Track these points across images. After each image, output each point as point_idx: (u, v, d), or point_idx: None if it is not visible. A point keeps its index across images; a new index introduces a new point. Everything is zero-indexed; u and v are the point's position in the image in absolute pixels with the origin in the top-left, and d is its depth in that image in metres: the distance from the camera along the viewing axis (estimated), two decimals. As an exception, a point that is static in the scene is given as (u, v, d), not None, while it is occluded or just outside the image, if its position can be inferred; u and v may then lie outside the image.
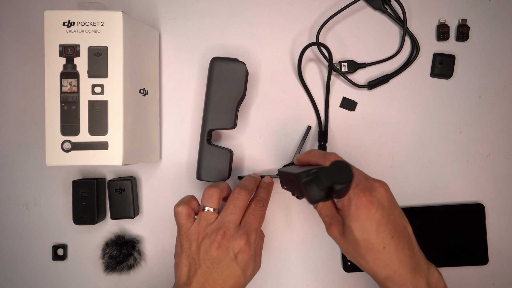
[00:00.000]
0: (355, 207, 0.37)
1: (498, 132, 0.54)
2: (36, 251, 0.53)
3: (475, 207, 0.53)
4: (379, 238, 0.36)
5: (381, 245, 0.37)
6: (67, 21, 0.42)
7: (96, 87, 0.43)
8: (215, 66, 0.47)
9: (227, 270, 0.39)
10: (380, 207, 0.37)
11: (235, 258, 0.40)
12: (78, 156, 0.43)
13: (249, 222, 0.42)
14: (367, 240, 0.37)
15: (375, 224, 0.36)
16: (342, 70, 0.53)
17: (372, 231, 0.36)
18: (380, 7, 0.53)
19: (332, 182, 0.32)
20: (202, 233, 0.41)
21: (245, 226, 0.41)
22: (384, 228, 0.36)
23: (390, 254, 0.37)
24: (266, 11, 0.54)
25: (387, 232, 0.37)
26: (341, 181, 0.32)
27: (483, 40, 0.54)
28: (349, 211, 0.37)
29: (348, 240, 0.39)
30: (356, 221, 0.37)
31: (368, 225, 0.36)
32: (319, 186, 0.33)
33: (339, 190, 0.34)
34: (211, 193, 0.42)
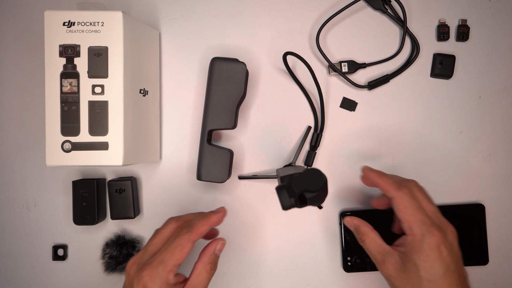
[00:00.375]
0: (428, 246, 0.35)
1: (498, 132, 0.54)
2: (36, 251, 0.53)
3: (475, 207, 0.53)
4: (445, 285, 0.35)
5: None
6: (67, 21, 0.42)
7: (96, 87, 0.43)
8: (215, 66, 0.47)
9: None
10: (452, 253, 0.36)
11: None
12: (78, 156, 0.43)
13: (160, 251, 0.38)
14: (432, 283, 0.35)
15: (444, 268, 0.35)
16: (342, 70, 0.53)
17: (441, 274, 0.35)
18: (380, 7, 0.53)
19: (303, 190, 0.32)
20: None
21: (155, 255, 0.38)
22: (452, 275, 0.36)
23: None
24: (266, 11, 0.54)
25: (454, 279, 0.36)
26: (311, 189, 0.31)
27: (483, 40, 0.54)
28: (419, 248, 0.36)
29: (408, 279, 0.37)
30: (425, 260, 0.35)
31: (437, 268, 0.35)
32: (290, 194, 0.32)
33: (310, 198, 0.33)
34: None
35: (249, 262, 0.53)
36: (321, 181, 0.31)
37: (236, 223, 0.53)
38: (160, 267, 0.36)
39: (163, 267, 0.36)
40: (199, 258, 0.40)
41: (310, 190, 0.32)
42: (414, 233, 0.37)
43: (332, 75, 0.54)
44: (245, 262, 0.53)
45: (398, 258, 0.38)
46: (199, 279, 0.39)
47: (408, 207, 0.38)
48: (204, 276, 0.39)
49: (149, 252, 0.39)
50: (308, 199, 0.33)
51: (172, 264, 0.36)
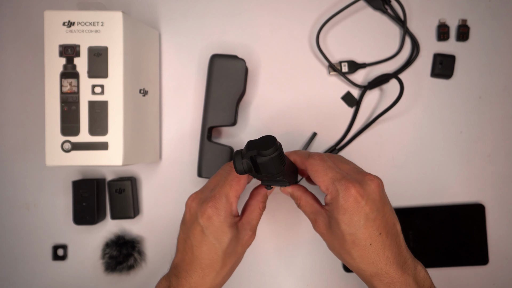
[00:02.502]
0: (343, 199, 0.36)
1: (498, 132, 0.54)
2: (36, 251, 0.53)
3: (475, 207, 0.53)
4: (366, 234, 0.36)
5: (368, 242, 0.36)
6: (67, 21, 0.42)
7: (96, 87, 0.43)
8: (215, 63, 0.48)
9: (198, 236, 0.38)
10: (370, 201, 0.36)
11: (202, 223, 0.38)
12: (78, 156, 0.43)
13: (219, 185, 0.39)
14: (353, 235, 0.36)
15: (363, 218, 0.35)
16: (342, 70, 0.53)
17: (360, 225, 0.35)
18: (380, 7, 0.53)
19: (254, 153, 0.32)
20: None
21: (215, 189, 0.39)
22: (372, 223, 0.36)
23: (377, 251, 0.36)
24: (266, 11, 0.54)
25: (375, 228, 0.36)
26: (262, 152, 0.31)
27: (483, 40, 0.54)
28: (336, 203, 0.36)
29: (334, 235, 0.38)
30: (343, 213, 0.36)
31: (356, 219, 0.35)
32: (244, 156, 0.32)
33: (262, 163, 0.32)
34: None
35: (249, 262, 0.53)
36: (272, 145, 0.32)
37: (236, 223, 0.53)
38: (223, 199, 0.38)
39: (226, 199, 0.38)
40: (251, 197, 0.42)
41: (260, 154, 0.32)
42: (330, 191, 0.37)
43: (332, 75, 0.54)
44: (245, 262, 0.53)
45: (325, 216, 0.39)
46: (253, 215, 0.41)
47: (319, 169, 0.38)
48: (257, 213, 0.41)
49: (208, 188, 0.40)
50: (260, 164, 0.33)
51: (233, 195, 0.38)
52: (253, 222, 0.41)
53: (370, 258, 0.36)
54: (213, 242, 0.38)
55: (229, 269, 0.40)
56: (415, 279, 0.37)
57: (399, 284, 0.36)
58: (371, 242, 0.36)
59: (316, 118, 0.53)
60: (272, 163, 0.33)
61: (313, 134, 0.53)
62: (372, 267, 0.36)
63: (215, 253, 0.38)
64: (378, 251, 0.36)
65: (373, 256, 0.36)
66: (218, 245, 0.38)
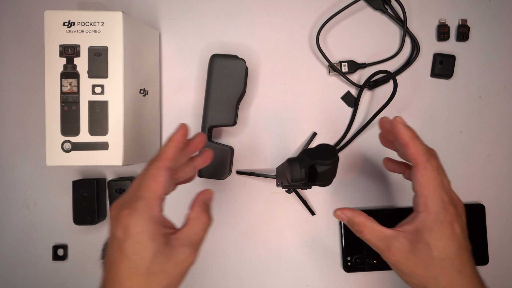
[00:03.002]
0: (442, 223, 0.33)
1: (498, 132, 0.54)
2: (36, 251, 0.53)
3: (475, 207, 0.53)
4: (459, 261, 0.34)
5: (459, 268, 0.34)
6: (67, 21, 0.42)
7: (96, 87, 0.43)
8: (215, 63, 0.48)
9: (116, 252, 0.32)
10: (463, 228, 0.35)
11: (118, 235, 0.31)
12: (78, 156, 0.43)
13: (138, 187, 0.33)
14: (445, 261, 0.34)
15: (458, 245, 0.34)
16: (342, 70, 0.53)
17: (454, 252, 0.34)
18: (380, 7, 0.53)
19: (315, 161, 0.31)
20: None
21: (135, 192, 0.33)
22: (464, 251, 0.35)
23: (467, 279, 0.34)
24: (266, 11, 0.54)
25: (466, 256, 0.35)
26: (324, 160, 0.31)
27: (483, 40, 0.54)
28: (433, 226, 0.34)
29: (418, 260, 0.35)
30: (439, 239, 0.34)
31: (451, 246, 0.34)
32: (301, 164, 0.32)
33: (322, 172, 0.32)
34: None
35: (250, 262, 0.53)
36: (334, 154, 0.31)
37: (236, 222, 0.53)
38: (139, 203, 0.31)
39: (143, 202, 0.32)
40: (190, 208, 0.35)
41: (322, 163, 0.31)
42: (429, 210, 0.34)
43: (332, 75, 0.54)
44: (245, 262, 0.53)
45: (404, 240, 0.35)
46: (195, 229, 0.34)
47: (431, 181, 0.35)
48: (199, 226, 0.34)
49: (128, 193, 0.34)
50: (319, 173, 0.32)
51: (151, 196, 0.32)
52: (194, 238, 0.33)
53: (459, 285, 0.35)
54: (132, 259, 0.31)
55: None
56: None
57: None
58: (461, 269, 0.34)
59: (316, 118, 0.53)
60: (332, 171, 0.33)
61: (313, 134, 0.53)
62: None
63: (136, 272, 0.31)
64: (467, 279, 0.35)
65: (463, 283, 0.35)
66: (139, 261, 0.31)
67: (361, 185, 0.53)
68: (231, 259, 0.53)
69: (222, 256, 0.53)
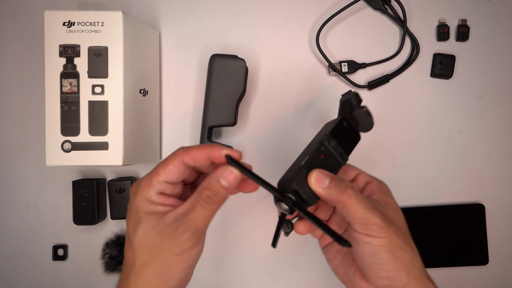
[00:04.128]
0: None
1: (498, 132, 0.54)
2: (37, 252, 0.53)
3: (475, 207, 0.53)
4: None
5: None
6: (67, 21, 0.42)
7: (96, 87, 0.43)
8: (215, 63, 0.48)
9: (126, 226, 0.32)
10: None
11: (128, 206, 0.32)
12: (78, 156, 0.43)
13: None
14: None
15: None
16: (342, 70, 0.53)
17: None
18: (380, 7, 0.53)
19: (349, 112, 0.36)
20: None
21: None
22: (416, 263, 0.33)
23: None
24: (266, 11, 0.54)
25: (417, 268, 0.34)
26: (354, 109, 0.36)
27: (483, 40, 0.54)
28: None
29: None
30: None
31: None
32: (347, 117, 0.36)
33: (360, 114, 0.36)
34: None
35: (250, 262, 0.53)
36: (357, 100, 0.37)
37: (236, 222, 0.53)
38: (143, 181, 0.31)
39: (145, 181, 0.31)
40: (196, 192, 0.31)
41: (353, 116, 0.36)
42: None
43: (332, 75, 0.54)
44: (245, 262, 0.53)
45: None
46: (197, 213, 0.29)
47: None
48: (203, 212, 0.29)
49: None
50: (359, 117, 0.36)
51: (154, 178, 0.30)
52: (196, 222, 0.29)
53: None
54: (128, 231, 0.31)
55: (152, 277, 0.29)
56: None
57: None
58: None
59: (316, 118, 0.53)
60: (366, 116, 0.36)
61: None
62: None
63: (129, 243, 0.30)
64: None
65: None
66: (131, 233, 0.30)
67: (361, 185, 0.53)
68: (231, 259, 0.53)
69: (222, 256, 0.53)
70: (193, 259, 0.30)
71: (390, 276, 0.31)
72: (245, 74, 0.48)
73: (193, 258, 0.30)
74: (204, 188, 0.30)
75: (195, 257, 0.30)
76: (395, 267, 0.31)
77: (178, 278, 0.30)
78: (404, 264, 0.31)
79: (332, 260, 0.37)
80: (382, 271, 0.31)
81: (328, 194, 0.32)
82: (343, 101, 0.39)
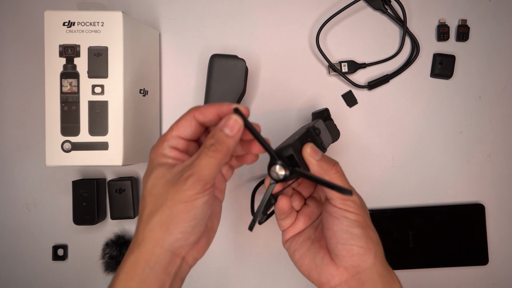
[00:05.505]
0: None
1: (498, 132, 0.54)
2: (36, 252, 0.53)
3: (475, 207, 0.53)
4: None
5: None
6: (67, 21, 0.42)
7: (96, 87, 0.43)
8: (215, 63, 0.48)
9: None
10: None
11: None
12: (78, 156, 0.43)
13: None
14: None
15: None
16: (342, 70, 0.53)
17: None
18: (380, 7, 0.53)
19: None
20: None
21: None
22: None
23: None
24: (266, 11, 0.54)
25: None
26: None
27: (483, 40, 0.54)
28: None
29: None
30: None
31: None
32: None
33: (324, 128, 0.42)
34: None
35: (250, 262, 0.53)
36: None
37: (236, 222, 0.53)
38: (159, 138, 0.33)
39: (160, 137, 0.33)
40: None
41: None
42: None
43: (332, 75, 0.54)
44: (246, 262, 0.53)
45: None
46: (202, 161, 0.30)
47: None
48: (207, 161, 0.30)
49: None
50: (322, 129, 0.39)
51: (168, 134, 0.32)
52: (200, 168, 0.30)
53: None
54: (143, 185, 0.32)
55: (157, 225, 0.30)
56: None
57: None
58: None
59: (316, 118, 0.53)
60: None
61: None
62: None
63: (142, 194, 0.32)
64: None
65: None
66: (144, 184, 0.32)
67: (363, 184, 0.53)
68: (231, 259, 0.53)
69: (222, 255, 0.53)
70: (197, 210, 0.30)
71: (361, 254, 0.33)
72: (245, 74, 0.48)
73: (197, 209, 0.30)
74: (209, 137, 0.31)
75: (200, 208, 0.30)
76: (367, 245, 0.33)
77: (182, 229, 0.30)
78: (373, 244, 0.33)
79: (297, 250, 0.37)
80: (355, 247, 0.33)
81: (320, 166, 0.34)
82: (315, 113, 0.44)
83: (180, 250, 0.31)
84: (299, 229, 0.39)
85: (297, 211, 0.39)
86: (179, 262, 0.31)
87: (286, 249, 0.39)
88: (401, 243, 0.52)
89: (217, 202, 0.37)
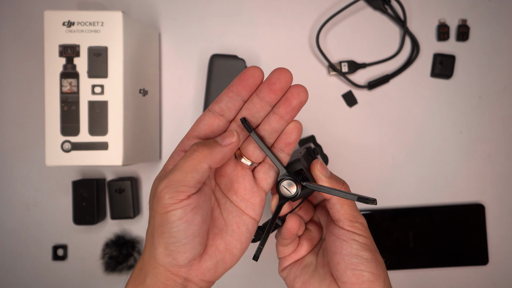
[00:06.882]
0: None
1: (498, 132, 0.54)
2: (36, 252, 0.53)
3: (475, 207, 0.53)
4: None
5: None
6: (67, 21, 0.42)
7: (96, 87, 0.43)
8: (215, 63, 0.48)
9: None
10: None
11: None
12: (78, 156, 0.43)
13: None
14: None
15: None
16: (342, 70, 0.53)
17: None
18: (380, 7, 0.53)
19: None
20: None
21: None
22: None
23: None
24: (266, 11, 0.54)
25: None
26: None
27: (483, 40, 0.54)
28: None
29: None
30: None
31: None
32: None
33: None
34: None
35: (250, 262, 0.53)
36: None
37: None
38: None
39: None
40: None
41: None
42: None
43: (332, 75, 0.54)
44: (246, 262, 0.53)
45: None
46: (177, 165, 0.28)
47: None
48: (180, 163, 0.27)
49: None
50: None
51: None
52: (172, 172, 0.27)
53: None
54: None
55: (149, 235, 0.28)
56: None
57: None
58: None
59: (315, 118, 0.53)
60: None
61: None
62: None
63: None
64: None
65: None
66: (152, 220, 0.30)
67: (363, 184, 0.53)
68: None
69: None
70: (172, 226, 0.26)
71: (371, 281, 0.31)
72: (245, 74, 0.48)
73: (171, 225, 0.26)
74: (187, 138, 0.31)
75: (174, 225, 0.26)
76: (377, 270, 0.31)
77: (163, 245, 0.27)
78: (382, 270, 0.32)
79: (298, 277, 0.35)
80: (365, 272, 0.31)
81: (330, 183, 0.33)
82: (302, 140, 0.44)
83: (176, 269, 0.28)
84: (301, 255, 0.36)
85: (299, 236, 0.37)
86: (179, 281, 0.28)
87: (283, 277, 0.36)
88: (401, 243, 0.52)
89: (237, 216, 0.31)
